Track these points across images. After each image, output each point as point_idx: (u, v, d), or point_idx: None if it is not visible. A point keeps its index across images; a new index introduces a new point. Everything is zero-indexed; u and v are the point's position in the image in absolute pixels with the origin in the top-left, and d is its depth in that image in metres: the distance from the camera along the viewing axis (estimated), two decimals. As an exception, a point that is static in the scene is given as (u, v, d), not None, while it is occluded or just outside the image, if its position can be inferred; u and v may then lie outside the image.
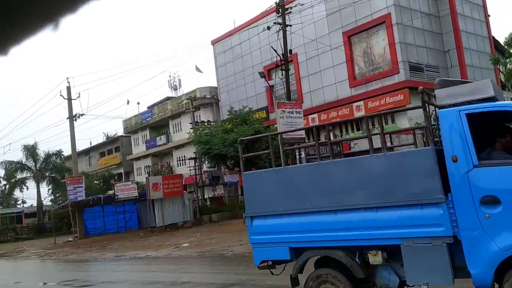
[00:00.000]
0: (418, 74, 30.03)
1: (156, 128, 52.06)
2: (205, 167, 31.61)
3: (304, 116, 33.63)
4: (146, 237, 24.43)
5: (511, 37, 15.91)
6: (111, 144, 60.01)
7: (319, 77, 33.89)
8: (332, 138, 33.07)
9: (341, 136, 31.83)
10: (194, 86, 47.50)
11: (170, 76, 55.05)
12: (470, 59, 32.03)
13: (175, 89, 54.77)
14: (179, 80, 56.16)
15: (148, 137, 51.94)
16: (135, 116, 53.14)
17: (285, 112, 14.31)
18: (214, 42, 43.13)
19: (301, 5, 28.01)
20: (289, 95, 14.77)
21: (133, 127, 53.65)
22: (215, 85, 44.16)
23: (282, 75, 37.45)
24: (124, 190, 27.95)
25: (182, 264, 13.01)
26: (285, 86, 14.51)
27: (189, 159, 31.53)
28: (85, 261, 17.20)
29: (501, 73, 35.80)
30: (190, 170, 30.96)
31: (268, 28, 15.77)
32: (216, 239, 18.82)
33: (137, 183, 32.22)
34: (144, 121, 51.75)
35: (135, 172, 54.47)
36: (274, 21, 15.45)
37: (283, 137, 14.31)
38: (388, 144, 9.14)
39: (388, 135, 17.69)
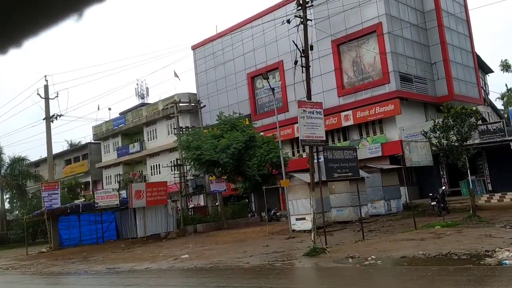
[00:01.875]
0: (408, 85, 29.91)
1: (128, 135, 50.03)
2: (189, 175, 30.17)
3: (289, 125, 33.26)
4: (130, 249, 22.71)
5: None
6: (78, 151, 57.23)
7: (301, 86, 33.23)
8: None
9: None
10: (171, 92, 45.93)
11: (137, 84, 53.34)
12: (456, 72, 32.25)
13: (142, 98, 53.11)
14: (147, 88, 54.48)
15: (120, 144, 49.78)
16: (106, 122, 50.88)
17: (306, 112, 13.34)
18: (194, 48, 41.91)
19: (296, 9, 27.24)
20: (310, 95, 13.75)
21: (104, 133, 51.32)
22: (192, 91, 42.90)
23: (267, 82, 36.74)
24: (105, 198, 26.05)
25: (210, 277, 11.61)
26: (305, 85, 13.49)
27: (174, 165, 29.96)
28: (74, 274, 15.46)
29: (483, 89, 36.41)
30: (174, 177, 29.40)
31: (288, 21, 14.74)
32: (215, 250, 17.51)
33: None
34: (116, 127, 49.58)
35: (104, 181, 52.03)
36: (295, 14, 14.47)
37: (303, 139, 13.36)
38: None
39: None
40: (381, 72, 29.60)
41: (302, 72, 14.60)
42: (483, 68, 39.30)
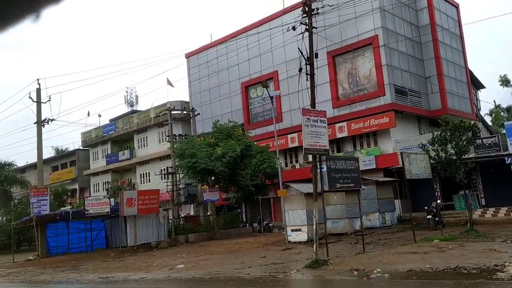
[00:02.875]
0: (402, 97, 29.99)
1: (118, 142, 49.39)
2: (181, 183, 29.71)
3: (283, 135, 33.10)
4: (120, 258, 22.15)
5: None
6: (66, 158, 56.31)
7: (301, 96, 32.96)
8: (311, 160, 32.36)
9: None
10: (162, 100, 45.58)
11: (127, 92, 52.88)
12: (450, 87, 32.47)
13: (132, 105, 52.65)
14: (136, 96, 54.12)
15: (109, 152, 49.10)
16: (96, 128, 50.22)
17: (310, 120, 13.13)
18: (188, 56, 41.67)
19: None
20: (314, 103, 13.56)
21: (93, 140, 50.61)
22: (184, 99, 42.56)
23: (262, 92, 36.60)
24: (95, 205, 25.44)
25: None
26: (313, 94, 13.30)
27: (167, 173, 29.49)
28: (66, 283, 14.90)
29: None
30: (167, 185, 28.91)
31: (294, 28, 14.60)
32: (211, 261, 17.12)
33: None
34: (106, 134, 48.92)
35: (92, 188, 51.19)
36: (300, 21, 14.33)
37: (307, 147, 13.14)
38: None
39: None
40: (376, 84, 29.64)
41: (307, 79, 14.37)
42: (475, 84, 39.69)
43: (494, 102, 57.20)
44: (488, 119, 53.14)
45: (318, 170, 13.83)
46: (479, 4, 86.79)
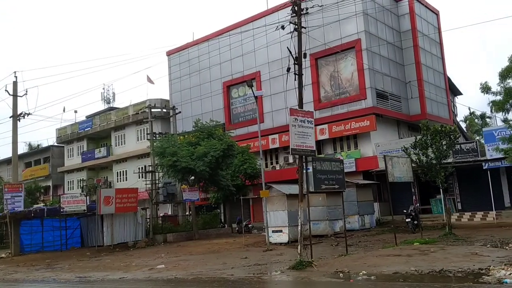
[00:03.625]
0: (383, 101, 30.27)
1: (95, 140, 48.47)
2: (160, 182, 29.22)
3: (264, 136, 32.98)
4: (97, 257, 21.63)
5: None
6: (40, 154, 54.92)
7: (282, 97, 32.80)
8: (291, 161, 32.32)
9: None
10: (140, 98, 44.95)
11: (104, 88, 52.06)
12: (429, 92, 32.94)
13: (108, 102, 51.84)
14: (113, 93, 53.30)
15: (85, 149, 48.14)
16: (71, 124, 49.15)
17: (297, 120, 13.03)
18: (169, 53, 41.18)
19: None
20: (302, 103, 13.48)
21: (69, 136, 49.52)
22: (164, 97, 42.08)
23: (244, 92, 36.45)
24: (72, 203, 24.79)
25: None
26: (301, 94, 13.23)
27: (146, 172, 28.99)
28: (42, 282, 14.39)
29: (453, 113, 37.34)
30: (146, 184, 28.42)
31: (283, 27, 14.47)
32: (191, 261, 16.84)
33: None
34: (82, 130, 47.94)
35: (66, 186, 50.09)
36: (290, 21, 14.22)
37: (293, 148, 13.04)
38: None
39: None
40: (358, 87, 29.84)
41: (295, 79, 14.29)
42: (453, 90, 40.42)
43: (469, 109, 58.43)
44: (463, 125, 54.23)
45: (304, 171, 13.72)
46: (458, 12, 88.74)
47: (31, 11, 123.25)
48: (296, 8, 13.84)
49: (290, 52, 13.71)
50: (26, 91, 25.14)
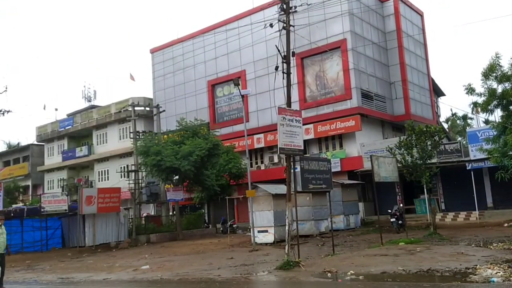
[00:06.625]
0: (368, 102, 30.37)
1: (76, 138, 47.66)
2: (143, 182, 28.78)
3: (249, 135, 32.78)
4: (78, 258, 21.18)
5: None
6: (19, 153, 53.79)
7: (267, 96, 32.64)
8: (276, 161, 32.22)
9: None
10: (122, 96, 44.35)
11: (84, 86, 51.37)
12: (413, 93, 33.17)
13: (89, 100, 51.05)
14: (94, 91, 52.62)
15: (66, 147, 47.29)
16: (52, 123, 48.26)
17: (286, 119, 12.88)
18: (153, 51, 40.73)
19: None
20: (290, 102, 13.35)
21: (49, 135, 48.60)
22: (147, 96, 41.55)
23: (229, 91, 36.18)
24: (52, 202, 24.26)
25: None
26: (289, 93, 13.09)
27: (129, 171, 28.53)
28: (23, 283, 13.96)
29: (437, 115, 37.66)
30: (129, 183, 27.96)
31: (271, 25, 14.31)
32: (176, 262, 16.56)
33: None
34: (62, 129, 47.08)
35: (46, 185, 49.13)
36: (278, 19, 14.08)
37: (282, 147, 12.89)
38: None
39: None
40: (343, 87, 29.87)
41: (283, 78, 14.14)
42: (436, 91, 40.83)
43: (451, 110, 59.17)
44: (445, 126, 54.93)
45: (292, 170, 13.57)
46: (441, 15, 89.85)
47: (6, 7, 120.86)
48: (284, 6, 13.67)
49: (279, 50, 13.56)
50: (6, 88, 24.46)
